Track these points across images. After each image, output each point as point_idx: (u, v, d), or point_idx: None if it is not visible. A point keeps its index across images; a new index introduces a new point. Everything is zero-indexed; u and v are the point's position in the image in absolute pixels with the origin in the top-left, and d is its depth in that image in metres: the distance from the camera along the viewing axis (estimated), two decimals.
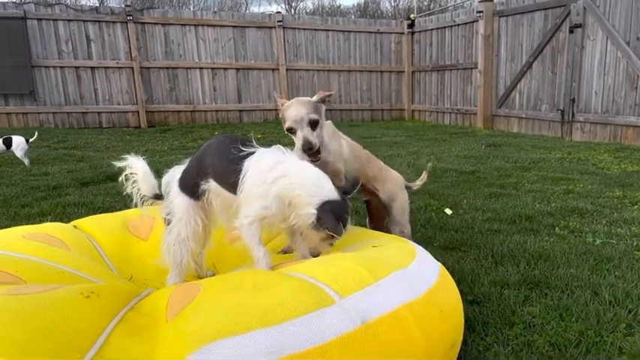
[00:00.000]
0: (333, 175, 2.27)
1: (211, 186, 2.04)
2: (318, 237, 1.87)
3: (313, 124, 2.14)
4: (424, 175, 2.99)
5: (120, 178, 2.30)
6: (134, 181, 2.27)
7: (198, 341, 1.25)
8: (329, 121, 2.41)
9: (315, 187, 1.81)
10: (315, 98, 2.24)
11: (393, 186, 2.72)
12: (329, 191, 1.82)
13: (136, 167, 2.26)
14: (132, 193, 2.29)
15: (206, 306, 1.41)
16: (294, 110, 2.14)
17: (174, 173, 2.20)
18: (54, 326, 1.26)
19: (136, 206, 2.33)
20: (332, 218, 1.75)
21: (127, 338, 1.34)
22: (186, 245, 2.11)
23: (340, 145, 2.46)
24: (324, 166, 2.35)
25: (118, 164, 2.29)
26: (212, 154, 2.04)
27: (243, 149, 1.92)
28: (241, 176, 1.88)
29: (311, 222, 1.78)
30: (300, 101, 2.18)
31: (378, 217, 2.89)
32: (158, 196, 2.28)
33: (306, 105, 2.16)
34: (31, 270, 1.80)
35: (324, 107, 2.26)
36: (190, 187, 2.08)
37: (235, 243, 1.97)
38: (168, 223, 2.16)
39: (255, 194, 1.84)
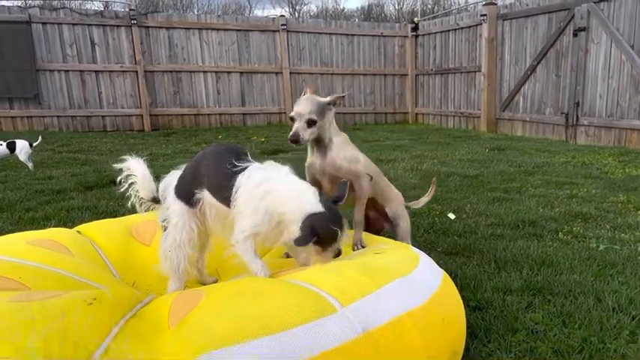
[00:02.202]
0: (351, 177, 2.39)
1: (205, 196, 2.05)
2: (312, 252, 1.88)
3: (309, 123, 2.32)
4: (430, 192, 3.11)
5: (118, 179, 2.31)
6: (132, 183, 2.28)
7: (201, 349, 1.26)
8: (344, 134, 2.56)
9: (298, 202, 1.82)
10: (325, 99, 2.41)
11: (398, 204, 2.80)
12: (311, 205, 1.82)
13: (135, 170, 2.27)
14: (130, 195, 2.30)
15: (208, 313, 1.42)
16: (300, 105, 2.36)
17: (171, 179, 2.21)
18: (56, 334, 1.26)
19: (133, 208, 2.34)
20: (310, 234, 1.75)
21: (129, 345, 1.35)
22: (183, 251, 2.11)
23: (355, 150, 2.55)
24: (338, 170, 2.41)
25: (118, 166, 2.30)
26: (208, 164, 2.05)
27: (237, 164, 1.93)
28: (234, 192, 1.89)
29: (295, 239, 1.79)
30: (309, 100, 2.37)
31: (373, 231, 2.91)
32: (156, 200, 2.28)
33: (312, 104, 2.34)
34: (35, 276, 1.81)
35: (332, 109, 2.42)
36: (185, 194, 2.09)
37: (232, 260, 1.97)
38: (165, 229, 2.16)
39: (247, 210, 1.86)
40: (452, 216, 3.91)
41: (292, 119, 2.37)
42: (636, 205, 4.18)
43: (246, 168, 1.93)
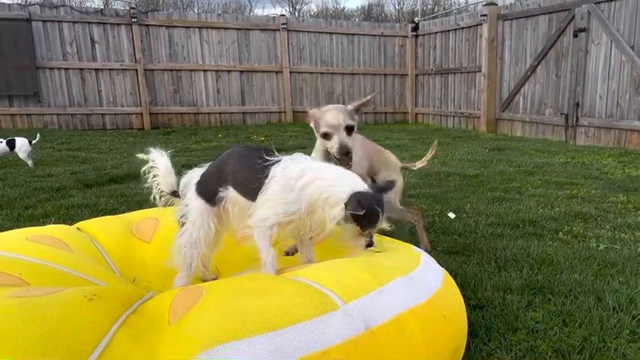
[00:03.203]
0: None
1: (229, 194, 2.04)
2: (353, 233, 1.84)
3: (349, 130, 2.18)
4: (428, 155, 3.14)
5: (142, 169, 2.34)
6: (155, 175, 2.30)
7: (202, 345, 1.25)
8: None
9: (342, 184, 1.79)
10: (350, 107, 2.28)
11: (391, 172, 2.82)
12: (356, 184, 1.80)
13: (158, 162, 2.29)
14: (151, 186, 2.33)
15: (209, 310, 1.41)
16: (333, 116, 2.18)
17: (193, 176, 2.21)
18: (56, 329, 1.26)
19: (154, 200, 2.36)
20: (358, 206, 1.71)
21: (129, 341, 1.34)
22: (198, 248, 2.12)
23: (359, 151, 2.55)
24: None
25: (142, 157, 2.31)
26: (233, 162, 2.04)
27: (268, 158, 1.92)
28: (266, 182, 1.87)
29: (342, 216, 1.75)
30: (338, 108, 2.23)
31: None
32: (176, 194, 2.29)
33: (344, 112, 2.21)
34: (35, 272, 1.81)
35: (357, 115, 2.31)
36: (207, 192, 2.09)
37: (244, 242, 1.97)
38: (182, 225, 2.17)
39: (281, 200, 1.83)
40: (452, 215, 3.91)
41: (326, 135, 2.20)
42: (636, 205, 4.18)
43: (279, 160, 1.91)
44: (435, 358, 1.49)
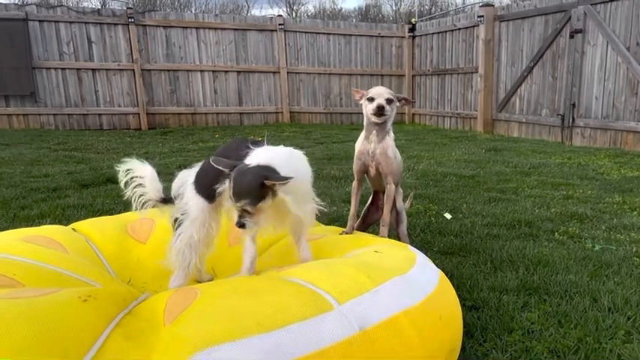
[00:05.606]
0: (388, 173, 2.69)
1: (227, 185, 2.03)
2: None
3: (388, 101, 2.63)
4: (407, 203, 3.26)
5: (121, 182, 2.28)
6: (136, 185, 2.26)
7: (197, 346, 1.25)
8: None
9: (258, 160, 1.83)
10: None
11: (400, 198, 2.98)
12: (261, 160, 1.82)
13: (141, 171, 2.26)
14: (132, 197, 2.28)
15: (204, 311, 1.41)
16: (378, 89, 2.68)
17: (186, 175, 2.19)
18: (51, 331, 1.26)
19: (136, 210, 2.32)
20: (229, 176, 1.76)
21: (124, 342, 1.34)
22: (197, 248, 2.10)
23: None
24: (386, 158, 2.68)
25: (120, 167, 2.28)
26: (230, 155, 2.03)
27: (251, 147, 1.91)
28: None
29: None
30: (384, 88, 2.71)
31: (375, 218, 2.97)
32: (165, 200, 2.26)
33: (387, 89, 2.70)
34: (29, 273, 1.80)
35: (397, 103, 2.71)
36: (207, 189, 2.07)
37: (238, 244, 1.96)
38: (179, 225, 2.14)
39: None
40: (448, 216, 3.91)
41: (371, 99, 2.64)
42: (632, 206, 4.19)
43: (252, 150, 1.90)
44: (430, 359, 1.49)
